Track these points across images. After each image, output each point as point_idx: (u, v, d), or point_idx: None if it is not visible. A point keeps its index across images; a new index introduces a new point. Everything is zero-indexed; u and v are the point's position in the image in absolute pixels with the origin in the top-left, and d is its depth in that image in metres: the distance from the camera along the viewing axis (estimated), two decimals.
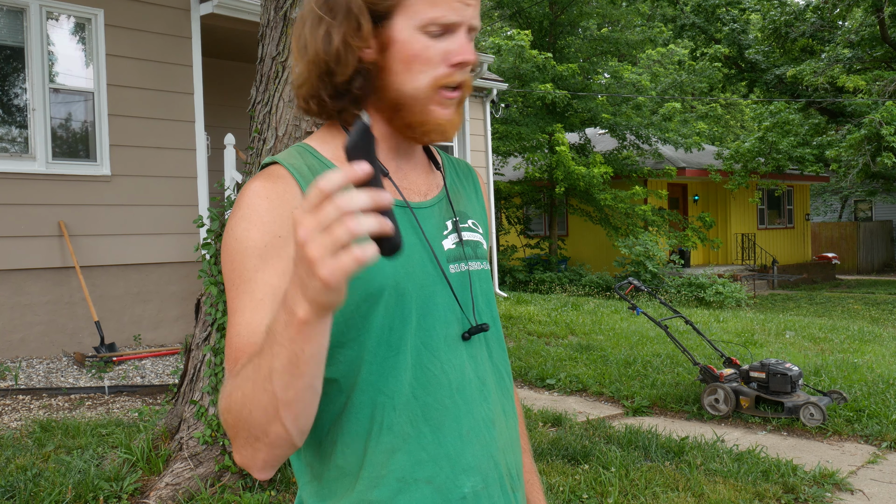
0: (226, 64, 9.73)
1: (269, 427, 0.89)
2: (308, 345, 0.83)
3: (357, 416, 1.04)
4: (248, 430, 0.90)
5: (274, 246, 1.00)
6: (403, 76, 1.06)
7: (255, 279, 0.99)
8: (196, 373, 3.97)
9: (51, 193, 6.88)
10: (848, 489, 4.23)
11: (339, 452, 1.04)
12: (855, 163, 17.02)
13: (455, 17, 1.05)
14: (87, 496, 3.55)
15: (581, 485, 4.05)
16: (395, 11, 1.05)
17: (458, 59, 1.06)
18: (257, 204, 1.02)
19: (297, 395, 0.87)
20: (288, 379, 0.85)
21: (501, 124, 17.28)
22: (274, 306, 0.97)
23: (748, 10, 22.44)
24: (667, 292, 15.23)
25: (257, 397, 0.87)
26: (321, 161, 1.10)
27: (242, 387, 0.89)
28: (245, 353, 0.96)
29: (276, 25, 3.87)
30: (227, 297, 1.02)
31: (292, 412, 0.88)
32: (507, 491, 1.14)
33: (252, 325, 0.97)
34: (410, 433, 1.04)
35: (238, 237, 1.02)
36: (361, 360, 1.03)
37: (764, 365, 5.59)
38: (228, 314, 1.01)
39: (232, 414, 0.91)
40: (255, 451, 0.92)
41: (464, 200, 1.25)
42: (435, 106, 1.08)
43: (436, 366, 1.07)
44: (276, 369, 0.84)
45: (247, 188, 1.05)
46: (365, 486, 1.03)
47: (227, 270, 1.02)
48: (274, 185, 1.04)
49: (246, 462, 0.94)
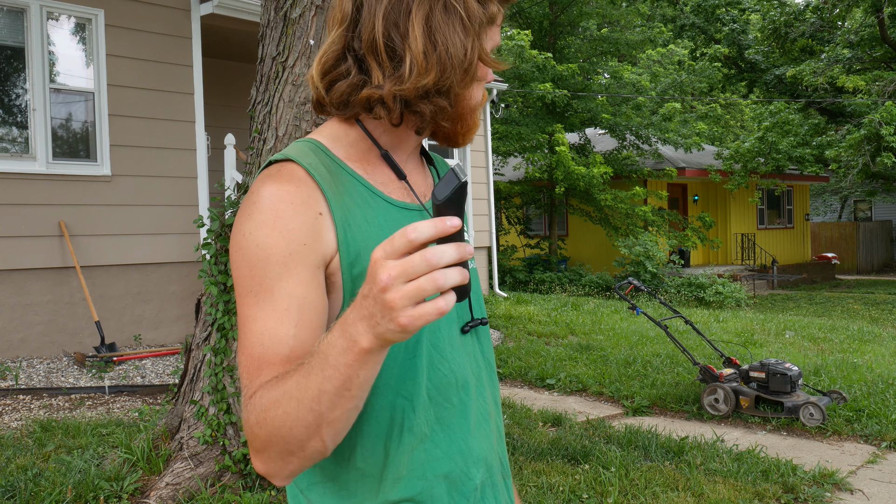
0: (226, 64, 9.73)
1: (308, 443, 0.89)
2: (364, 371, 0.84)
3: (377, 419, 1.04)
4: (284, 445, 0.90)
5: (298, 254, 0.97)
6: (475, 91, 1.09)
7: (278, 288, 0.96)
8: (196, 373, 3.97)
9: (51, 193, 6.89)
10: (847, 489, 4.23)
11: (358, 455, 1.04)
12: (855, 163, 17.03)
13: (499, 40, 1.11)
14: (88, 496, 3.56)
15: (581, 485, 4.05)
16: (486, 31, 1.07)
17: (491, 77, 1.13)
18: (280, 209, 0.98)
19: (344, 414, 0.88)
20: (337, 400, 0.85)
21: (501, 124, 17.28)
22: (300, 317, 0.96)
23: (748, 11, 22.45)
24: (666, 292, 15.23)
25: (301, 416, 0.87)
26: (336, 162, 1.06)
27: (283, 404, 0.88)
28: (270, 363, 0.95)
29: (277, 25, 3.87)
30: (242, 302, 0.99)
31: (334, 429, 0.89)
32: (501, 477, 1.18)
33: (278, 336, 0.95)
34: (427, 433, 1.06)
35: (260, 244, 0.97)
36: (384, 364, 1.03)
37: (764, 365, 5.60)
38: (244, 321, 0.98)
39: (266, 429, 0.90)
40: (287, 463, 0.92)
41: None
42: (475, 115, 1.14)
43: (444, 366, 1.08)
44: (327, 391, 0.85)
45: (263, 189, 1.00)
46: (388, 487, 1.04)
47: (243, 276, 0.99)
48: (297, 189, 1.00)
49: (272, 472, 0.94)
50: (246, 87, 5.70)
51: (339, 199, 1.03)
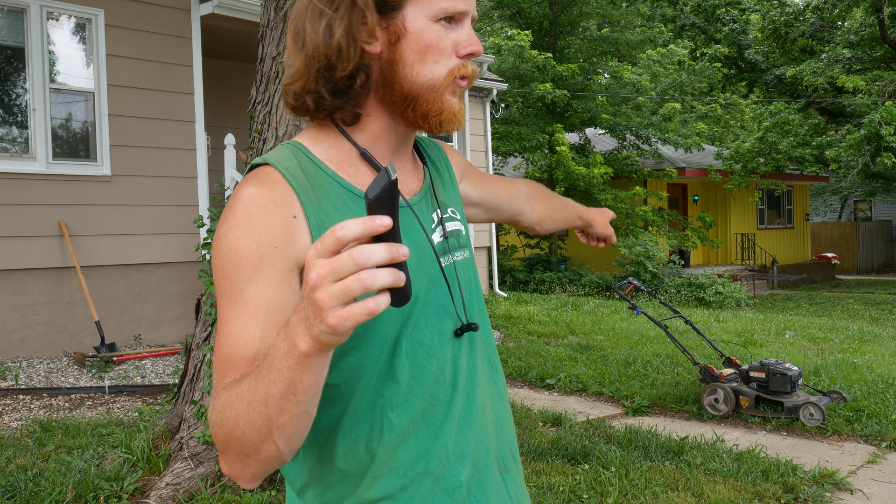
0: (226, 64, 9.73)
1: (262, 446, 0.88)
2: (307, 375, 0.82)
3: (358, 420, 1.03)
4: (240, 448, 0.89)
5: (269, 257, 0.97)
6: (418, 67, 1.05)
7: (247, 290, 0.96)
8: (196, 373, 3.97)
9: (51, 193, 6.89)
10: (847, 489, 4.23)
11: (340, 456, 1.04)
12: (855, 163, 17.03)
13: (463, 6, 1.06)
14: (88, 496, 3.56)
15: (581, 485, 4.05)
16: (406, 2, 1.04)
17: (468, 50, 1.07)
18: (253, 212, 0.99)
19: (292, 419, 0.86)
20: (284, 405, 0.84)
21: (501, 124, 17.28)
22: (267, 319, 0.95)
23: (748, 11, 22.46)
24: (667, 292, 15.23)
25: (251, 418, 0.86)
26: (315, 163, 1.07)
27: (236, 405, 0.88)
28: (235, 365, 0.95)
29: (277, 25, 3.87)
30: (219, 305, 1.00)
31: (285, 434, 0.87)
32: (498, 473, 1.15)
33: (244, 338, 0.95)
34: (410, 430, 1.04)
35: (231, 245, 0.98)
36: (364, 367, 1.03)
37: (763, 365, 5.60)
38: (218, 323, 0.99)
39: (223, 430, 0.90)
40: (245, 465, 0.91)
41: (442, 189, 1.23)
42: (449, 95, 1.08)
43: (432, 363, 1.07)
44: (273, 394, 0.83)
45: (240, 193, 1.02)
46: (366, 486, 1.03)
47: (218, 278, 1.00)
48: (271, 191, 1.00)
49: (234, 474, 0.94)
50: (246, 87, 5.70)
51: (316, 202, 1.03)
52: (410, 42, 1.04)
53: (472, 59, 1.10)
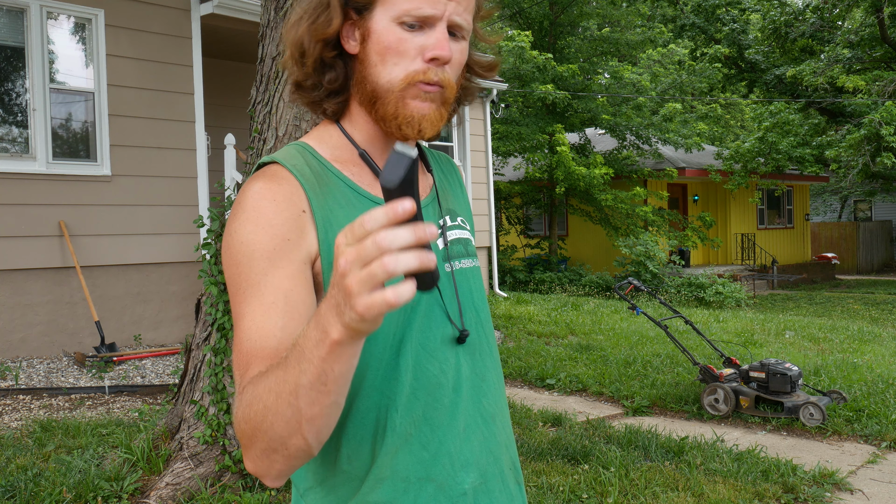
0: (226, 64, 9.73)
1: (290, 440, 0.88)
2: (338, 364, 0.82)
3: (362, 421, 1.03)
4: (267, 442, 0.89)
5: (283, 249, 0.98)
6: (378, 68, 1.05)
7: (264, 283, 0.97)
8: (196, 373, 3.97)
9: (51, 193, 6.89)
10: (847, 489, 4.23)
11: (344, 457, 1.04)
12: (855, 163, 17.02)
13: (430, 10, 1.03)
14: (88, 496, 3.56)
15: (581, 485, 4.05)
16: (376, 2, 1.04)
17: (431, 55, 1.04)
18: (263, 206, 1.00)
19: (323, 410, 0.86)
20: (315, 396, 0.84)
21: (501, 124, 17.28)
22: (286, 309, 0.95)
23: (748, 11, 22.45)
24: (667, 292, 15.23)
25: (280, 410, 0.86)
26: (321, 162, 1.08)
27: (264, 399, 0.87)
28: (258, 357, 0.94)
29: (277, 25, 3.87)
30: (233, 301, 1.00)
31: (315, 426, 0.87)
32: (507, 485, 1.14)
33: (265, 329, 0.95)
34: (412, 433, 1.04)
35: (244, 240, 0.99)
36: (367, 365, 1.03)
37: (763, 365, 5.60)
38: (235, 318, 0.99)
39: (250, 424, 0.89)
40: (272, 461, 0.90)
41: (451, 198, 1.24)
42: (410, 99, 1.05)
43: (434, 366, 1.07)
44: (303, 385, 0.83)
45: (248, 189, 1.03)
46: (369, 488, 1.03)
47: (232, 274, 1.00)
48: (280, 186, 1.02)
49: (260, 471, 0.93)
50: (246, 87, 5.70)
51: (322, 199, 1.04)
52: (374, 43, 1.05)
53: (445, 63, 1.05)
